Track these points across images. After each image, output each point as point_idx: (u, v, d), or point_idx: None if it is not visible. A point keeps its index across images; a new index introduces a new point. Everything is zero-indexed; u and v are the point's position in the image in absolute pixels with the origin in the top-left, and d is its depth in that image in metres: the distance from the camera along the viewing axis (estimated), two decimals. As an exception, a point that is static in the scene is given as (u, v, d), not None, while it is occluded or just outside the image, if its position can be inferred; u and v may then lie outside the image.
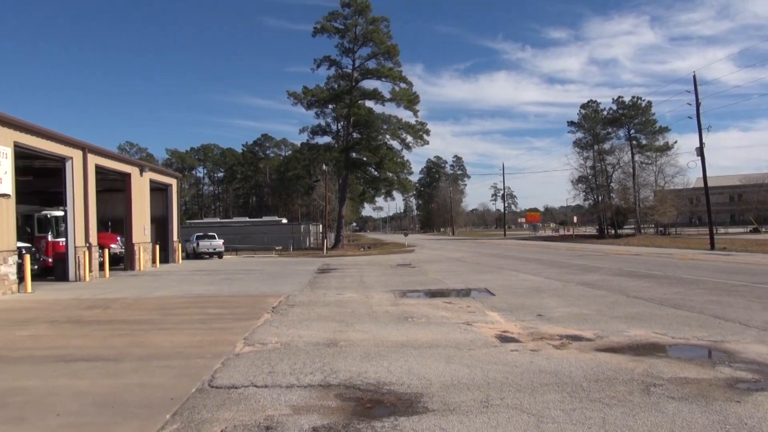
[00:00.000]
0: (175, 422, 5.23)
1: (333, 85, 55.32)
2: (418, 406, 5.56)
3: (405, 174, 58.47)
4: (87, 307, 13.67)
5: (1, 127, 16.82)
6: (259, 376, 6.79)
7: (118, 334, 9.89)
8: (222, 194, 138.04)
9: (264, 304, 13.69)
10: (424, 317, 11.17)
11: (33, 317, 12.22)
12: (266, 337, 9.33)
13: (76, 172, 21.44)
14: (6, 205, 17.04)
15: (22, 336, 9.94)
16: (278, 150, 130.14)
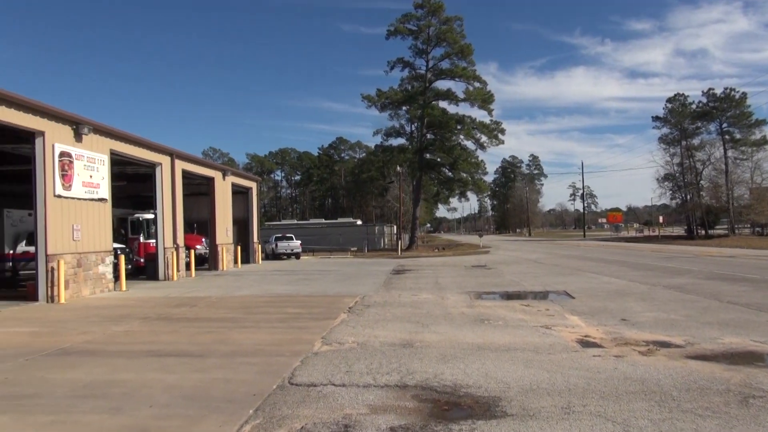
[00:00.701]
0: (257, 417, 5.41)
1: (406, 86, 55.46)
2: (496, 410, 5.46)
3: (479, 174, 57.64)
4: (175, 305, 14.41)
5: (99, 136, 18.06)
6: (337, 375, 6.90)
7: (204, 332, 10.35)
8: (299, 196, 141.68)
9: (340, 304, 13.91)
10: (500, 320, 10.98)
11: (127, 314, 13.02)
12: (343, 336, 9.47)
13: (165, 177, 22.67)
14: (103, 209, 18.27)
15: (118, 332, 10.61)
16: (353, 152, 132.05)
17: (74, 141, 16.71)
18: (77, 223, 16.72)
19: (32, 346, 9.23)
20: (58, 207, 15.82)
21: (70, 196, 16.33)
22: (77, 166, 16.70)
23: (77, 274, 16.63)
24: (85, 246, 17.13)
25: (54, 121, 15.87)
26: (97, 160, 17.82)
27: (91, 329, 10.83)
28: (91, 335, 10.15)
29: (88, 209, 17.31)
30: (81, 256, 16.87)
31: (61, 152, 15.98)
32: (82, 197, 16.96)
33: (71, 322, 11.92)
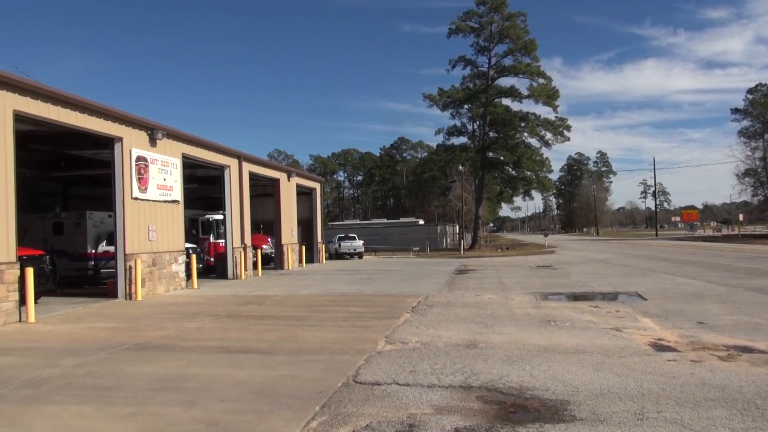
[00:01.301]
0: (323, 414, 5.50)
1: (468, 84, 54.97)
2: (564, 413, 5.32)
3: (544, 172, 56.37)
4: (243, 303, 14.86)
5: (172, 141, 18.89)
6: (401, 374, 6.91)
7: (271, 329, 10.62)
8: (361, 197, 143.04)
9: (403, 303, 13.94)
10: (568, 321, 10.68)
11: (198, 311, 13.54)
12: (407, 336, 9.48)
13: (233, 179, 23.44)
14: (176, 210, 19.09)
15: (191, 328, 11.05)
16: (414, 152, 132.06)
17: (149, 146, 17.54)
18: (152, 224, 17.54)
19: (113, 340, 9.76)
20: (135, 209, 16.66)
21: (145, 199, 17.15)
22: (152, 169, 17.52)
23: (152, 272, 17.45)
24: (160, 246, 17.95)
25: (131, 128, 16.72)
26: (170, 164, 18.63)
27: (166, 325, 11.33)
28: (166, 331, 10.62)
29: (162, 211, 18.13)
30: (156, 256, 17.69)
31: (137, 157, 16.82)
32: (157, 199, 17.78)
33: (147, 318, 12.52)
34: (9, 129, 12.21)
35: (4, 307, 11.82)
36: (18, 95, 12.50)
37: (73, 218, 20.65)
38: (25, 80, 12.81)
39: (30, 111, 12.86)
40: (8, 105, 12.22)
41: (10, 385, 6.83)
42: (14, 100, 12.39)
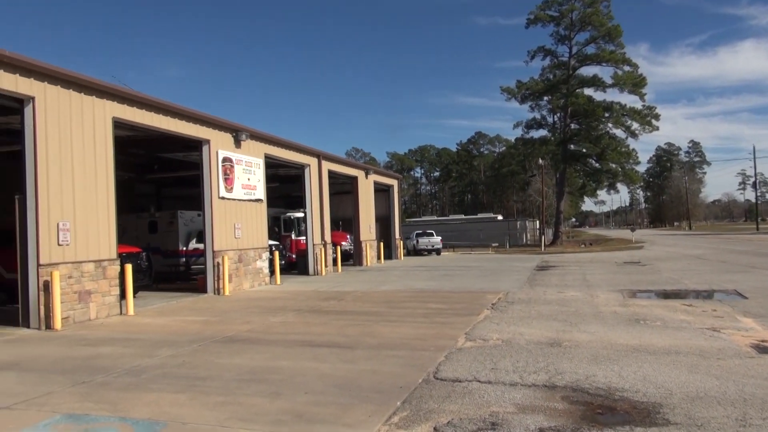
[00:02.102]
0: (404, 409, 5.52)
1: (548, 75, 53.36)
2: (657, 417, 5.06)
3: (630, 164, 53.81)
4: (324, 299, 15.20)
5: (255, 142, 19.61)
6: (482, 371, 6.83)
7: (352, 324, 10.80)
8: (438, 193, 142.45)
9: (483, 300, 13.76)
10: (659, 320, 10.15)
11: (282, 306, 13.98)
12: (487, 333, 9.36)
13: (313, 178, 24.02)
14: (260, 208, 19.82)
15: (275, 322, 11.44)
16: (492, 147, 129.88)
17: (234, 147, 18.29)
18: (238, 222, 18.29)
19: (204, 333, 10.27)
20: (222, 208, 17.43)
21: (231, 198, 17.91)
22: (237, 170, 18.27)
23: (239, 268, 18.20)
24: (245, 243, 18.69)
25: (217, 130, 17.51)
26: (254, 164, 19.35)
27: (252, 319, 11.78)
28: (252, 325, 11.05)
29: (246, 209, 18.87)
30: (242, 252, 18.44)
31: (223, 158, 17.59)
32: (242, 198, 18.52)
33: (235, 312, 13.07)
34: (109, 135, 13.11)
35: (107, 301, 12.72)
36: (116, 103, 13.39)
37: (166, 217, 21.91)
38: (123, 89, 13.72)
39: (127, 117, 13.75)
40: (108, 112, 13.12)
41: (113, 373, 7.34)
42: (113, 108, 13.28)
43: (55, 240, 11.49)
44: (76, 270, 11.95)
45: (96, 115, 12.77)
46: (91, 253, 12.39)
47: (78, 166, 12.17)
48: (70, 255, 11.84)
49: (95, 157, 12.67)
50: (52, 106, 11.61)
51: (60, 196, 11.67)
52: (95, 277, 12.45)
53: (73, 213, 11.98)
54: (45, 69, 11.40)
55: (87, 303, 12.18)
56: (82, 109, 12.38)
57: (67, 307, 11.57)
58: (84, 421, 5.45)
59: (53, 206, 11.48)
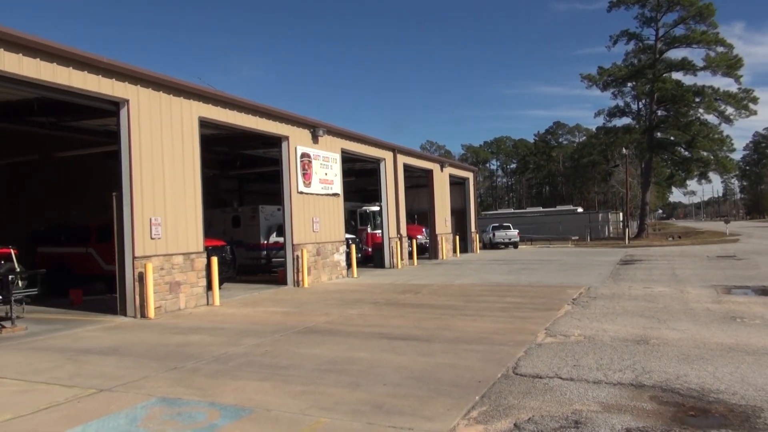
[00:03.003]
0: (483, 404, 5.47)
1: (632, 60, 50.78)
2: (757, 421, 4.73)
3: (724, 151, 50.29)
4: (401, 292, 15.28)
5: (331, 137, 19.97)
6: (564, 368, 6.64)
7: (428, 317, 10.80)
8: (515, 185, 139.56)
9: (563, 295, 13.37)
10: (758, 318, 9.48)
11: (359, 298, 14.19)
12: (568, 329, 9.09)
13: (388, 172, 24.16)
14: (337, 202, 20.18)
15: (353, 314, 11.62)
16: (571, 137, 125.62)
17: (312, 143, 18.70)
18: (316, 216, 18.72)
19: (285, 323, 10.60)
20: (300, 202, 17.89)
21: (309, 192, 18.34)
22: (315, 165, 18.68)
23: (317, 261, 18.64)
24: (323, 236, 19.10)
25: (296, 126, 17.96)
26: (331, 159, 19.71)
27: (331, 311, 12.04)
28: (331, 316, 11.29)
29: (324, 203, 19.27)
30: (320, 246, 18.86)
31: (301, 153, 18.03)
32: (319, 193, 18.92)
33: (314, 304, 13.40)
34: (196, 134, 13.77)
35: (195, 292, 13.40)
36: (202, 103, 14.03)
37: (248, 212, 22.75)
38: (208, 90, 14.36)
39: (212, 117, 14.37)
40: (195, 112, 13.77)
41: (202, 360, 7.72)
42: (199, 108, 13.92)
43: (148, 234, 12.22)
44: (167, 262, 12.66)
45: (184, 115, 13.44)
46: (180, 246, 13.09)
47: (168, 164, 12.87)
48: (162, 248, 12.56)
49: (183, 155, 13.34)
50: (144, 107, 12.33)
51: (152, 192, 12.39)
52: (184, 269, 13.14)
53: (164, 208, 12.68)
54: (138, 73, 12.12)
55: (177, 293, 12.89)
56: (171, 110, 13.06)
57: (159, 297, 12.28)
58: (176, 405, 5.77)
59: (146, 202, 12.21)
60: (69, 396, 6.16)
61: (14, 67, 9.82)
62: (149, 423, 5.25)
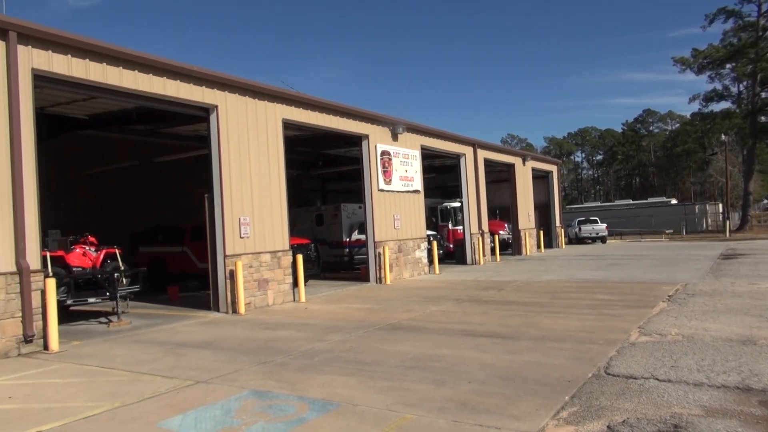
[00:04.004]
0: (573, 405, 5.28)
1: (731, 40, 47.41)
2: None
3: (839, 135, 45.95)
4: (484, 288, 15.07)
5: (411, 134, 20.00)
6: (661, 369, 6.29)
7: (513, 314, 10.58)
8: (601, 177, 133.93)
9: (657, 291, 12.68)
10: None
11: (441, 295, 14.12)
12: (664, 327, 8.60)
13: (469, 167, 23.89)
14: (417, 199, 20.20)
15: (435, 311, 11.59)
16: (663, 124, 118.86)
17: (391, 140, 18.81)
18: (397, 213, 18.82)
19: (368, 320, 10.73)
20: (381, 200, 18.05)
21: (390, 190, 18.47)
22: (395, 162, 18.78)
23: (398, 258, 18.74)
24: (404, 233, 19.17)
25: (375, 125, 18.13)
26: (410, 156, 19.74)
27: (413, 308, 12.06)
28: (414, 313, 11.31)
29: (404, 200, 19.34)
30: (401, 243, 18.95)
31: (381, 151, 18.18)
32: (400, 190, 19.00)
33: (396, 300, 13.48)
34: (280, 135, 14.22)
35: (281, 288, 13.85)
36: (285, 105, 14.46)
37: (331, 210, 23.25)
38: (291, 92, 14.79)
39: (294, 118, 14.79)
40: (279, 115, 14.23)
41: (290, 355, 7.97)
42: (283, 110, 14.37)
43: (238, 233, 12.76)
44: (255, 260, 13.17)
45: (268, 117, 13.92)
46: (267, 244, 13.57)
47: (254, 166, 13.37)
48: (250, 247, 13.08)
49: (268, 157, 13.82)
50: (231, 112, 12.88)
51: (240, 193, 12.93)
52: (271, 266, 13.61)
53: (252, 208, 13.19)
54: (226, 79, 12.68)
55: (265, 290, 13.37)
56: (256, 113, 13.57)
57: (249, 293, 12.80)
58: (267, 398, 5.98)
59: (235, 203, 12.76)
60: (170, 386, 6.54)
61: (115, 80, 10.55)
62: (242, 414, 5.48)
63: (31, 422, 5.46)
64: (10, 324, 8.67)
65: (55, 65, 9.60)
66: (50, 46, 9.53)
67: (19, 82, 9.02)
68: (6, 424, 5.48)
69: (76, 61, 9.91)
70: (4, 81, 8.90)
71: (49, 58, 9.52)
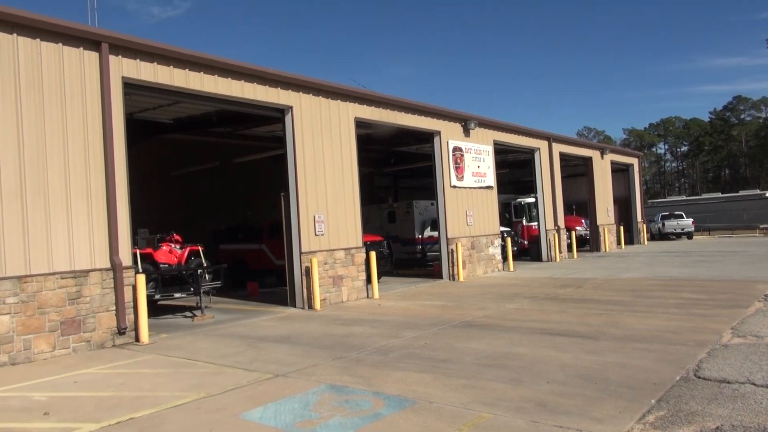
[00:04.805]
0: (660, 409, 5.03)
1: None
2: None
3: None
4: (561, 286, 14.64)
5: (483, 129, 19.72)
6: (758, 373, 5.88)
7: (592, 313, 10.21)
8: (686, 169, 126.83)
9: (752, 290, 11.87)
10: None
11: (516, 292, 13.84)
12: (761, 329, 8.03)
13: (543, 161, 23.28)
14: (490, 195, 19.89)
15: (510, 309, 11.37)
16: (756, 112, 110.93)
17: (463, 136, 18.63)
18: (469, 209, 18.62)
19: (441, 317, 10.68)
20: (453, 196, 17.91)
21: (462, 186, 18.29)
22: (467, 158, 18.58)
23: (471, 255, 18.53)
24: (477, 230, 18.94)
25: (447, 121, 18.01)
26: (483, 151, 19.47)
27: (487, 305, 11.89)
28: (488, 311, 11.15)
29: (477, 197, 19.10)
30: (474, 239, 18.73)
31: (453, 147, 18.03)
32: (472, 186, 18.78)
33: (470, 297, 13.34)
34: (352, 134, 14.40)
35: (355, 285, 14.03)
36: (357, 104, 14.63)
37: (403, 207, 23.32)
38: (362, 91, 14.95)
39: (366, 116, 14.93)
40: (351, 114, 14.41)
41: (364, 351, 8.06)
42: (355, 109, 14.54)
43: (313, 231, 13.04)
44: (329, 257, 13.41)
45: (341, 117, 14.13)
46: (341, 241, 13.79)
47: (328, 164, 13.61)
48: (325, 244, 13.33)
49: (341, 155, 14.02)
50: (305, 112, 13.18)
51: (315, 191, 13.20)
52: (345, 263, 13.82)
53: (326, 206, 13.44)
54: (300, 80, 12.99)
55: (339, 287, 13.60)
56: (329, 113, 13.80)
57: (324, 290, 13.05)
58: (344, 393, 6.07)
59: (310, 201, 13.05)
60: (250, 379, 6.78)
61: (197, 85, 11.04)
62: (320, 408, 5.59)
63: (126, 409, 5.81)
64: (106, 317, 9.27)
65: (142, 73, 10.17)
66: (138, 55, 10.10)
67: (111, 91, 9.61)
68: (104, 410, 5.86)
69: (161, 68, 10.44)
70: (98, 90, 9.51)
71: (137, 66, 10.09)
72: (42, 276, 8.62)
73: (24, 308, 8.38)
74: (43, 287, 8.61)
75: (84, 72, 9.39)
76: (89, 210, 9.26)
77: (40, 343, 8.54)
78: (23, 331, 8.36)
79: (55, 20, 9.00)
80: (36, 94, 8.82)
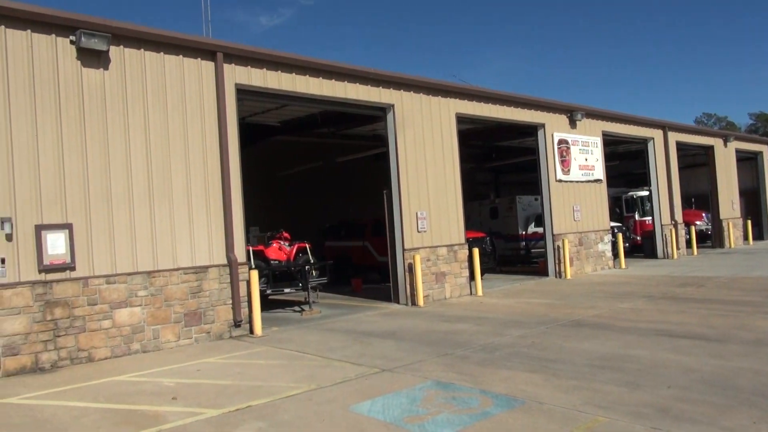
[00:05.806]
0: (803, 421, 4.55)
1: None
2: None
3: None
4: (679, 284, 13.68)
5: (590, 120, 18.83)
6: None
7: (717, 314, 9.45)
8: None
9: None
10: None
11: (629, 291, 13.10)
12: None
13: (657, 152, 21.83)
14: (599, 189, 18.97)
15: (623, 308, 10.79)
16: None
17: (569, 128, 17.90)
18: (576, 204, 17.87)
19: (548, 316, 10.34)
20: (559, 190, 17.27)
21: (568, 180, 17.59)
22: (573, 151, 17.84)
23: (579, 251, 17.78)
24: (585, 225, 18.13)
25: (551, 113, 17.39)
26: (591, 143, 18.60)
27: (598, 304, 11.36)
28: (599, 310, 10.65)
29: (585, 190, 18.28)
30: (581, 235, 17.95)
31: (559, 140, 17.39)
32: (579, 180, 18.01)
33: (578, 296, 12.81)
34: (454, 129, 14.30)
35: (458, 282, 13.94)
36: (458, 100, 14.50)
37: (505, 203, 22.83)
38: (463, 86, 14.83)
39: (468, 112, 14.76)
40: (452, 109, 14.31)
41: (470, 348, 7.98)
42: (456, 105, 14.43)
43: (415, 227, 13.11)
44: (432, 254, 13.41)
45: (442, 113, 14.07)
46: (443, 238, 13.74)
47: (429, 161, 13.61)
48: (427, 240, 13.35)
49: (443, 151, 13.97)
50: (407, 109, 13.26)
51: (417, 188, 13.25)
52: (448, 260, 13.76)
53: (428, 203, 13.46)
54: (400, 78, 13.10)
55: (442, 283, 13.56)
56: (430, 109, 13.80)
57: (427, 286, 13.08)
58: (450, 389, 6.05)
59: (412, 198, 13.12)
60: (358, 373, 6.94)
61: (303, 87, 11.45)
62: (427, 404, 5.61)
63: (244, 397, 6.16)
64: (223, 310, 9.88)
65: (253, 79, 10.71)
66: (249, 62, 10.64)
67: (225, 97, 10.21)
68: (225, 397, 6.25)
69: (270, 74, 10.94)
70: (214, 97, 10.14)
71: (248, 73, 10.64)
72: (167, 271, 9.34)
73: (153, 301, 9.13)
74: (168, 282, 9.33)
75: (201, 81, 10.05)
76: (207, 210, 9.90)
77: (167, 333, 9.26)
78: (152, 321, 9.11)
79: (176, 34, 9.72)
80: (160, 104, 9.56)
